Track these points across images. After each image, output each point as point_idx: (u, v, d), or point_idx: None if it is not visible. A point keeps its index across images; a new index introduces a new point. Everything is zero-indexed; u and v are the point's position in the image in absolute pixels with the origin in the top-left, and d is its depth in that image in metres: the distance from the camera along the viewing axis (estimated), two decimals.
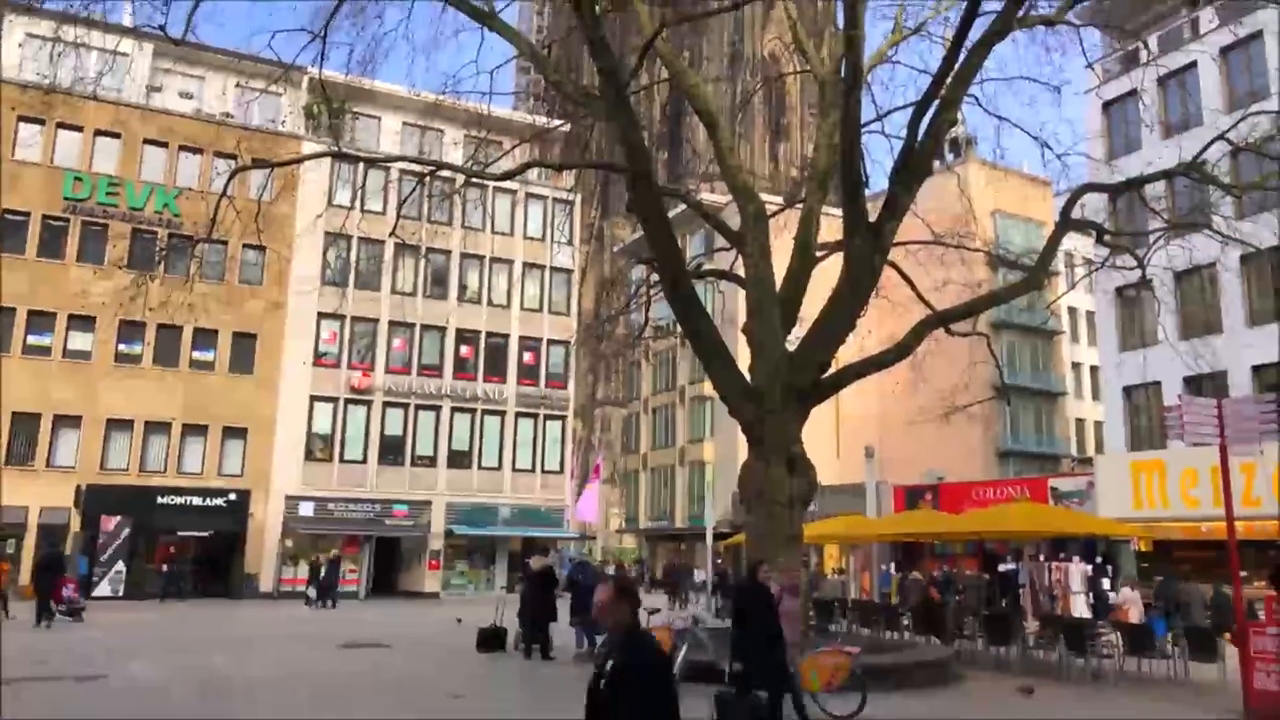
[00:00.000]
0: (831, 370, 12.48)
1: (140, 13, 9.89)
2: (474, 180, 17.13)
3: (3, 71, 31.29)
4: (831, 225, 13.57)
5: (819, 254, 14.16)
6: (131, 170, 35.96)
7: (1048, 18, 11.86)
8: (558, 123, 19.11)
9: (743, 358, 13.57)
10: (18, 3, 9.78)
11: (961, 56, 10.11)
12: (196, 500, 34.38)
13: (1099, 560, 26.65)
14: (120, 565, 32.38)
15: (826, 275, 13.75)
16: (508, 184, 32.69)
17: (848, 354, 13.86)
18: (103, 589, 31.34)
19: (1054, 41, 12.94)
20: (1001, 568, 26.44)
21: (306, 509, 36.85)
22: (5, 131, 33.48)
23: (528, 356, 42.64)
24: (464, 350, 41.40)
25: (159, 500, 33.57)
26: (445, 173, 16.39)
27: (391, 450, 39.27)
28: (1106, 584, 25.25)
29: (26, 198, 33.97)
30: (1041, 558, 24.33)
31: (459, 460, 40.34)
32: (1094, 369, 45.44)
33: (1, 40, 33.34)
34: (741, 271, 14.10)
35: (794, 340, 13.16)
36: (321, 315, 37.64)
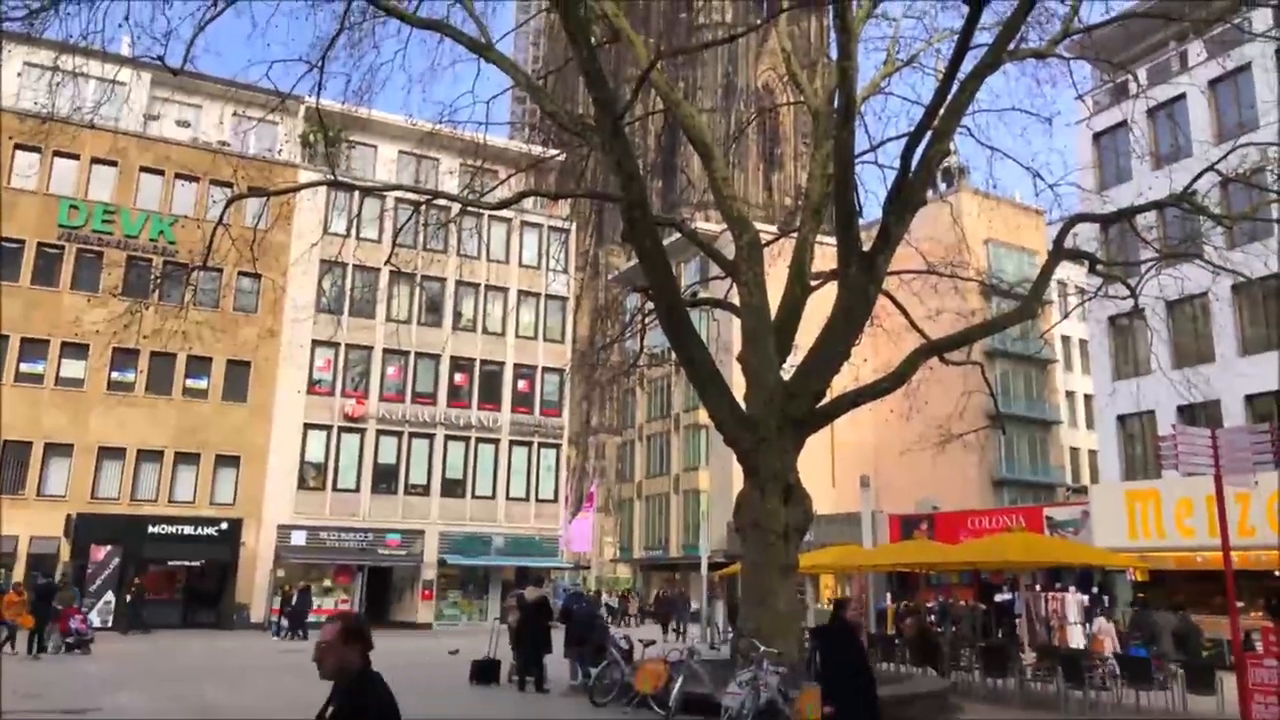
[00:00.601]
0: (826, 399, 12.48)
1: (139, 43, 9.94)
2: (470, 209, 17.19)
3: (1, 100, 31.38)
4: (826, 254, 13.62)
5: (813, 283, 14.21)
6: (127, 198, 36.02)
7: (1038, 51, 12.00)
8: (553, 152, 19.22)
9: (738, 386, 13.57)
10: (17, 32, 9.83)
11: (954, 88, 10.20)
12: (188, 529, 34.13)
13: (1095, 590, 26.53)
14: (110, 595, 32.07)
15: (821, 303, 13.78)
16: (503, 212, 32.80)
17: (842, 382, 13.86)
18: (91, 619, 30.97)
19: (1044, 74, 13.10)
20: (998, 598, 26.31)
21: (299, 538, 36.59)
22: (1, 160, 33.56)
23: (522, 384, 42.59)
24: (458, 378, 41.34)
25: (150, 529, 33.31)
26: (441, 201, 16.45)
27: (384, 479, 39.08)
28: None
29: (21, 225, 33.97)
30: (1038, 588, 24.22)
31: (452, 489, 40.15)
32: (1088, 397, 45.51)
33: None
34: (736, 300, 14.13)
35: (789, 368, 13.17)
36: (316, 343, 37.60)
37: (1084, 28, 11.76)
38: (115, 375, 34.46)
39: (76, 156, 34.75)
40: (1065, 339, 51.90)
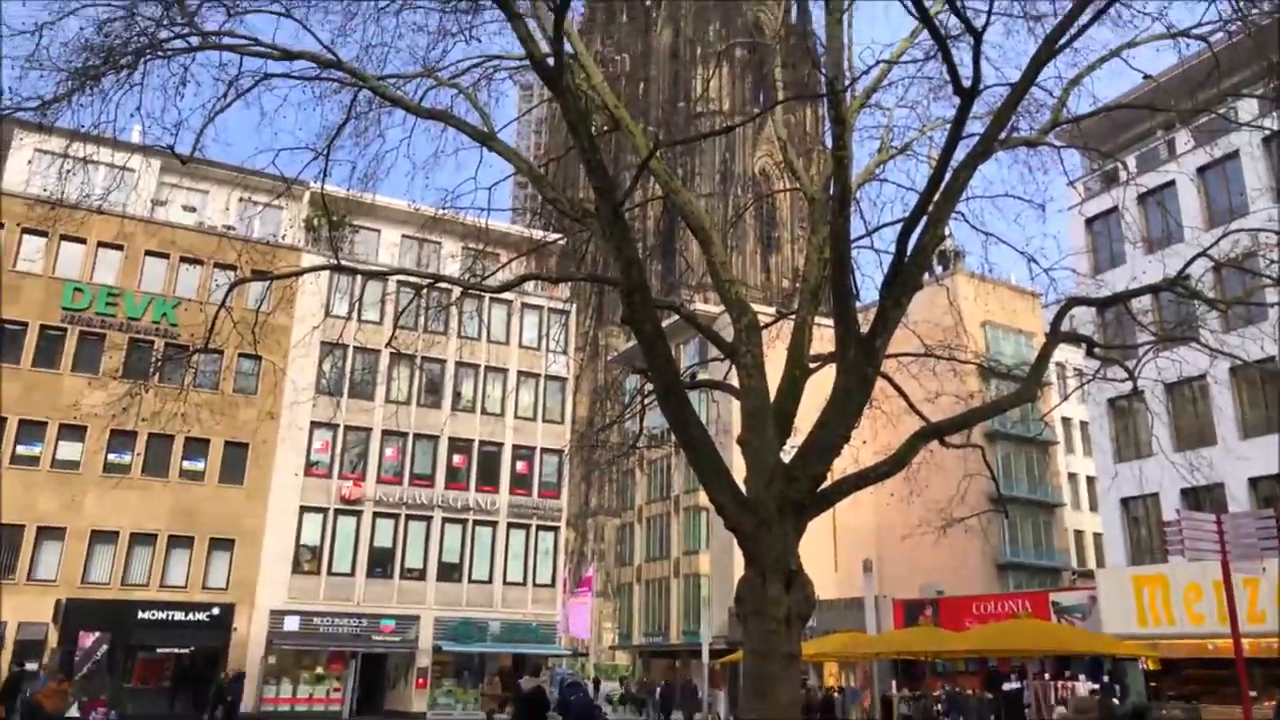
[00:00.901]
0: (827, 482, 12.39)
1: (150, 132, 10.17)
2: (471, 291, 17.35)
3: (8, 186, 31.95)
4: (824, 335, 13.68)
5: (812, 365, 14.23)
6: (132, 281, 36.39)
7: (1029, 139, 12.25)
8: (554, 236, 19.47)
9: (738, 469, 13.47)
10: (31, 121, 10.07)
11: (947, 176, 10.39)
12: (178, 615, 33.49)
13: (1105, 679, 25.92)
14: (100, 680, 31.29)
15: (821, 384, 13.78)
16: (504, 294, 33.10)
17: (842, 465, 13.75)
18: (75, 709, 30.17)
19: (1036, 161, 13.34)
20: (1006, 687, 25.65)
21: (292, 623, 35.89)
22: (8, 245, 34.00)
23: (521, 465, 42.34)
24: (457, 459, 41.12)
25: (140, 615, 32.69)
26: (442, 284, 16.60)
27: (380, 562, 38.54)
28: (1115, 703, 24.48)
29: (25, 308, 34.24)
30: (1046, 676, 23.67)
31: (449, 573, 39.56)
32: (1091, 479, 45.19)
33: (9, 155, 34.23)
34: (735, 382, 14.14)
35: (790, 449, 13.08)
36: (315, 424, 37.53)
37: (1072, 118, 12.03)
38: (112, 457, 34.29)
39: (83, 241, 35.22)
40: (1066, 420, 51.79)
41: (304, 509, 37.47)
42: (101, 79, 9.56)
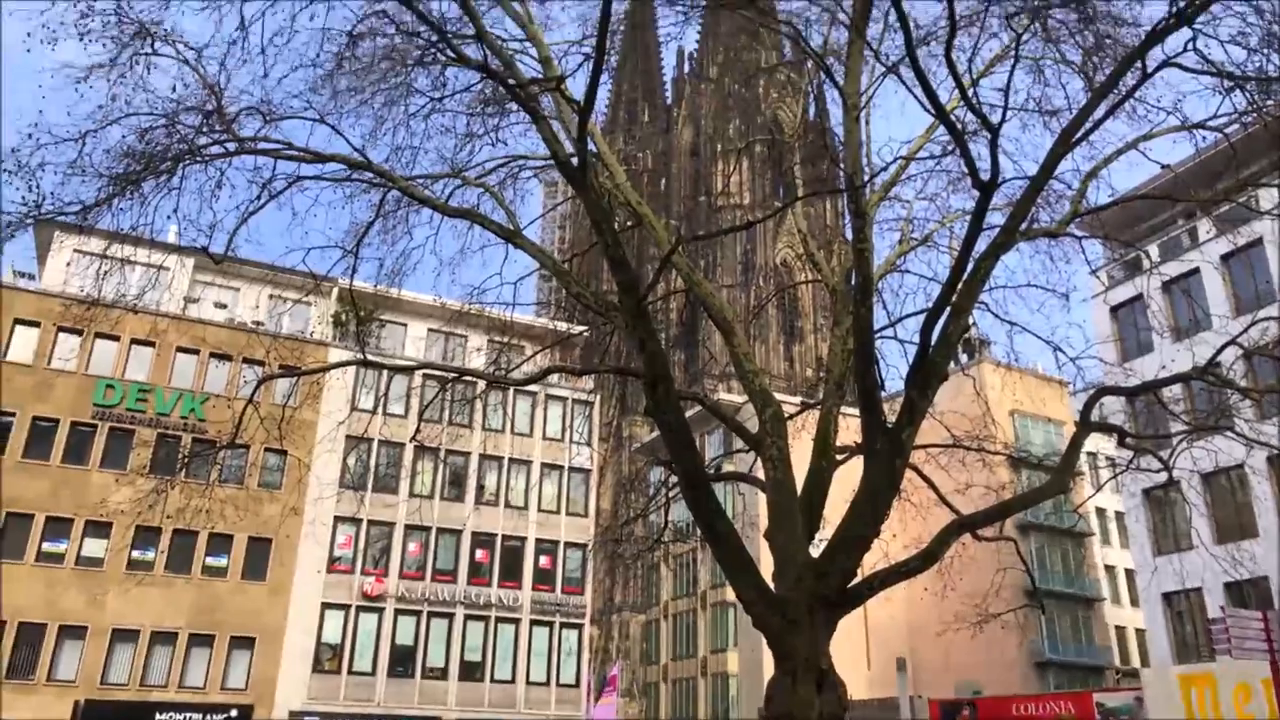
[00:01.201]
0: (858, 578, 12.09)
1: (185, 234, 10.45)
2: (496, 384, 17.41)
3: (47, 286, 32.81)
4: (850, 425, 13.54)
5: (839, 456, 14.05)
6: (162, 377, 36.91)
7: (1050, 230, 12.29)
8: (579, 328, 19.63)
9: (765, 563, 13.19)
10: (71, 223, 10.38)
11: (969, 267, 10.42)
12: (196, 717, 32.88)
13: None
14: None
15: (848, 475, 13.58)
16: (529, 386, 33.25)
17: (872, 559, 13.43)
18: None
19: (1058, 251, 13.35)
20: None
21: None
22: (42, 345, 34.74)
23: (544, 560, 41.79)
24: (479, 554, 40.68)
25: (158, 717, 32.11)
26: (468, 377, 16.70)
27: (402, 661, 37.82)
28: None
29: (58, 405, 34.73)
30: None
31: (471, 672, 38.72)
32: (1129, 572, 43.92)
33: (49, 257, 35.25)
34: (761, 474, 13.98)
35: (819, 543, 12.81)
36: (338, 519, 37.38)
37: (1092, 209, 12.08)
38: (136, 554, 34.20)
39: (116, 338, 35.87)
40: (1100, 511, 50.65)
41: (326, 606, 37.03)
42: (141, 184, 9.89)
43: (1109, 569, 51.17)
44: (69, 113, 9.27)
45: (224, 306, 40.30)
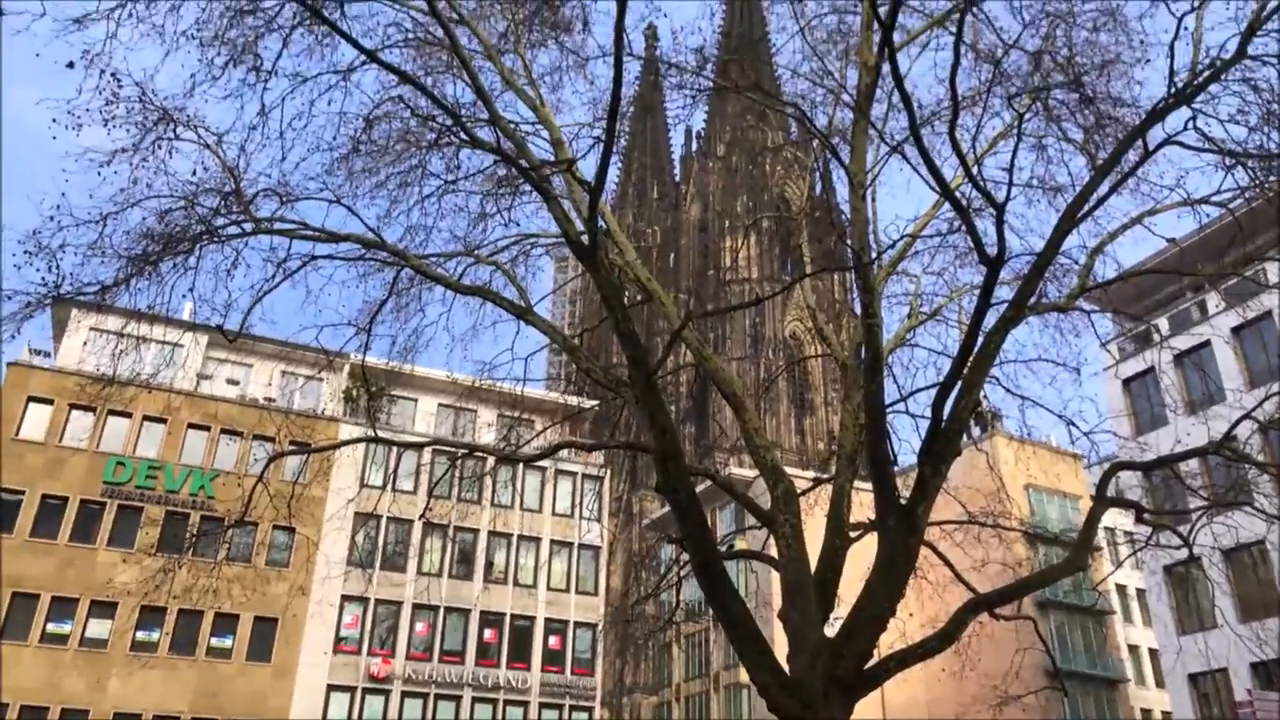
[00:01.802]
0: (874, 659, 11.81)
1: (200, 311, 10.58)
2: (506, 460, 17.35)
3: (63, 364, 33.10)
4: (864, 500, 13.39)
5: (853, 533, 13.86)
6: (173, 453, 36.89)
7: (1058, 305, 12.31)
8: (589, 403, 19.66)
9: (779, 643, 12.90)
10: (89, 302, 10.52)
11: (979, 341, 10.42)
12: None
13: None
14: None
15: (863, 552, 13.37)
16: (539, 461, 33.09)
17: (889, 639, 13.12)
18: None
19: (1067, 325, 13.36)
20: None
21: None
22: (55, 422, 34.87)
23: (553, 640, 41.02)
24: (488, 634, 39.98)
25: None
26: (478, 453, 16.64)
27: None
28: None
29: (68, 483, 34.68)
30: None
31: None
32: (1153, 651, 42.82)
33: (66, 335, 35.63)
34: (774, 551, 13.78)
35: (834, 621, 12.54)
36: (345, 598, 36.90)
37: (1099, 284, 12.13)
38: (140, 635, 33.73)
39: (129, 415, 35.91)
40: (1121, 588, 49.64)
41: (331, 688, 36.29)
42: (159, 264, 10.04)
43: (1133, 649, 49.90)
44: (91, 195, 9.48)
45: (236, 383, 40.50)
